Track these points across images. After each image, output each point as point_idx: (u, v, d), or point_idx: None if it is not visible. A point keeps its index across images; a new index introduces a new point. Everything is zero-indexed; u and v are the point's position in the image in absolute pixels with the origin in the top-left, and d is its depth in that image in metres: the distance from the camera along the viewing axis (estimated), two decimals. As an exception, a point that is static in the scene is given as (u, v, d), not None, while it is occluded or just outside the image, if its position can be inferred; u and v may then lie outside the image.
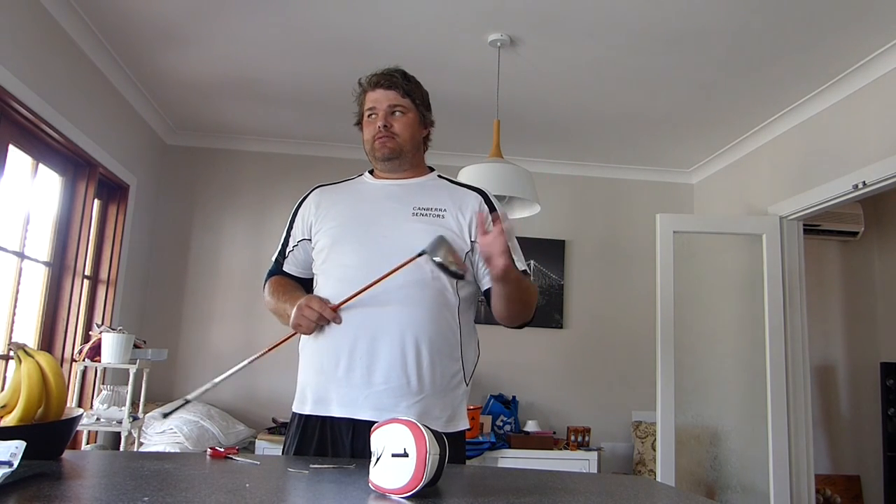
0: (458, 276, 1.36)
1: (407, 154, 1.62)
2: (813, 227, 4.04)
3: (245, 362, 1.47)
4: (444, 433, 1.55)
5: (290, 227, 1.72)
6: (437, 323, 1.51)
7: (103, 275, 3.57)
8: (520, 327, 1.63)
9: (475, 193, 1.64)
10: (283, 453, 1.61)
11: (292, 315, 1.48)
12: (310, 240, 1.67)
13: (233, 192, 4.32)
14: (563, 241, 4.49)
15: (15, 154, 2.72)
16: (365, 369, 1.47)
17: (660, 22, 2.69)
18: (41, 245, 3.05)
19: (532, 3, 2.60)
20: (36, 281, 3.03)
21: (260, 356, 1.48)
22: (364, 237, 1.56)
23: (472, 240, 1.58)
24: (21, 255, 2.82)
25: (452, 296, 1.55)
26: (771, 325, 3.44)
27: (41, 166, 2.96)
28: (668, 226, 3.59)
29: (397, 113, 1.60)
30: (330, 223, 1.62)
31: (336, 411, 1.50)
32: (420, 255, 1.38)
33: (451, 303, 1.55)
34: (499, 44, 2.87)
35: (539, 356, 4.34)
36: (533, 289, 1.60)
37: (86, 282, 3.36)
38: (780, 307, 3.46)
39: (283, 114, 3.89)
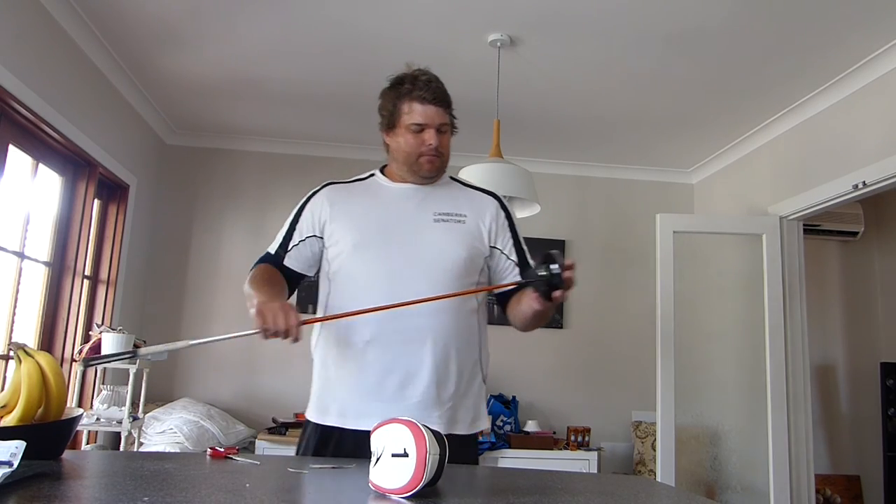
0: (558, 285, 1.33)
1: (444, 169, 1.66)
2: (813, 227, 4.04)
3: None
4: (467, 434, 1.57)
5: (296, 221, 1.65)
6: (462, 329, 1.55)
7: (103, 275, 3.57)
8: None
9: (490, 198, 1.68)
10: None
11: (266, 313, 1.35)
12: (320, 237, 1.62)
13: (233, 192, 4.32)
14: (563, 241, 4.49)
15: (15, 154, 2.72)
16: (399, 384, 1.49)
17: (660, 22, 2.69)
18: (41, 245, 3.05)
19: (532, 3, 2.60)
20: (36, 281, 3.03)
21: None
22: (386, 244, 1.55)
23: (492, 245, 1.62)
24: (21, 255, 2.82)
25: (473, 298, 1.59)
26: (771, 325, 3.44)
27: (41, 166, 2.96)
28: (668, 226, 3.59)
29: (442, 131, 1.59)
30: (347, 226, 1.59)
31: (367, 425, 1.48)
32: (525, 284, 1.41)
33: (472, 306, 1.59)
34: (499, 44, 2.87)
35: (539, 356, 4.33)
36: None
37: (86, 282, 3.36)
38: (780, 307, 3.46)
39: (284, 114, 3.89)
